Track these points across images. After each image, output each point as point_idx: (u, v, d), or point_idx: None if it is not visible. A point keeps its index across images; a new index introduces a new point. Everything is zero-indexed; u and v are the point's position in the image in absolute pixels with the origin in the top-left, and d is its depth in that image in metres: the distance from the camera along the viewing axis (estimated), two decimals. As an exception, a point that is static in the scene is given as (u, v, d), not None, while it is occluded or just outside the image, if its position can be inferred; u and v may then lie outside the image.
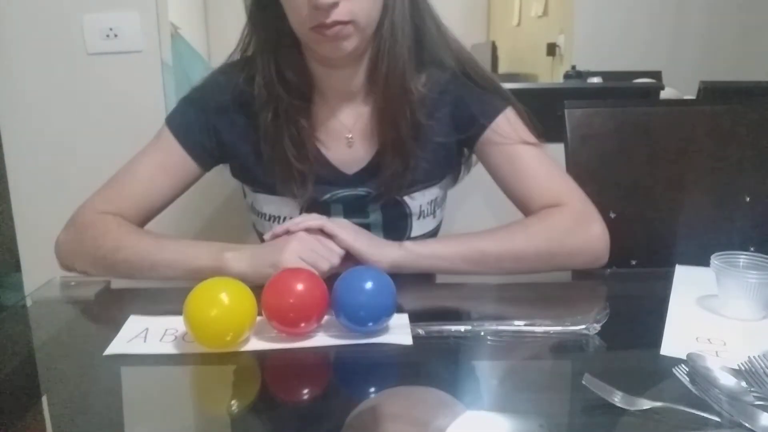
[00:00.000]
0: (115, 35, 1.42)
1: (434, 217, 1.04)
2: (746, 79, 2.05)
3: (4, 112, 1.45)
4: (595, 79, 2.46)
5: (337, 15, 0.80)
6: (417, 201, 0.99)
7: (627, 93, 1.79)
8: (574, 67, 2.95)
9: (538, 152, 0.95)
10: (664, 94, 1.83)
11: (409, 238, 1.00)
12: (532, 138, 0.95)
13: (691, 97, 1.64)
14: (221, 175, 1.04)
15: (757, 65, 2.77)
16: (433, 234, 1.05)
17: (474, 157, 1.03)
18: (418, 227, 1.01)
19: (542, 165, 0.95)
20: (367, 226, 0.95)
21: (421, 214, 1.00)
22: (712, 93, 1.54)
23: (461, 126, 0.96)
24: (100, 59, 1.43)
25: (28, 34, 1.41)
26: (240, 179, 1.02)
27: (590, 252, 0.90)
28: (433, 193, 1.01)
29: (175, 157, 0.94)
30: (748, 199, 1.16)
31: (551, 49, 3.51)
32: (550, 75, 3.39)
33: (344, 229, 0.83)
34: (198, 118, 0.95)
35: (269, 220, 1.00)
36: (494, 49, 3.43)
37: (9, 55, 1.42)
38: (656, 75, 2.44)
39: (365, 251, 0.82)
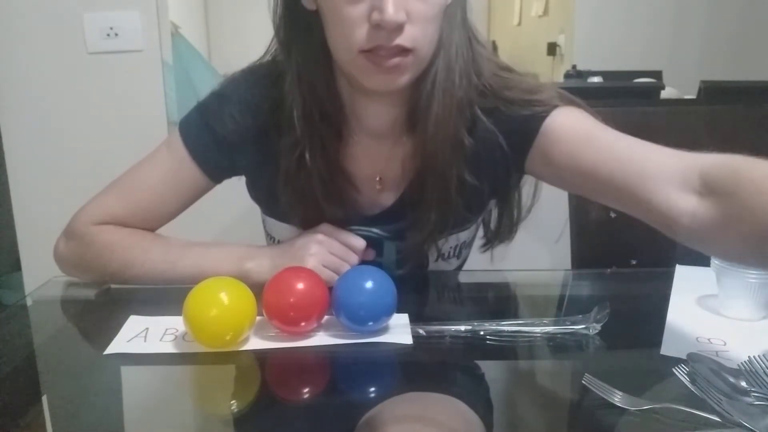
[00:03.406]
0: (116, 34, 1.42)
1: (458, 258, 0.93)
2: (746, 79, 2.05)
3: (5, 111, 1.45)
4: (596, 79, 2.46)
5: (400, 39, 0.68)
6: (442, 246, 0.87)
7: (627, 93, 1.80)
8: (574, 67, 2.95)
9: (614, 131, 0.79)
10: (665, 94, 1.83)
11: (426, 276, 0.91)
12: (594, 121, 0.79)
13: (692, 96, 1.64)
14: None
15: (758, 65, 2.77)
16: (455, 270, 0.95)
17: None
18: (434, 266, 0.90)
19: (635, 139, 0.78)
20: (378, 264, 0.83)
21: (441, 257, 0.89)
22: (713, 93, 1.54)
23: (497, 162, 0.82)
24: (101, 58, 1.43)
25: (29, 33, 1.41)
26: (253, 199, 0.93)
27: None
28: (460, 237, 0.89)
29: (185, 169, 0.85)
30: (748, 199, 1.16)
31: (552, 48, 3.51)
32: (550, 74, 3.39)
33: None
34: (213, 134, 0.83)
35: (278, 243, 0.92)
36: (495, 48, 3.43)
37: (9, 54, 1.42)
38: (657, 75, 2.44)
39: None
